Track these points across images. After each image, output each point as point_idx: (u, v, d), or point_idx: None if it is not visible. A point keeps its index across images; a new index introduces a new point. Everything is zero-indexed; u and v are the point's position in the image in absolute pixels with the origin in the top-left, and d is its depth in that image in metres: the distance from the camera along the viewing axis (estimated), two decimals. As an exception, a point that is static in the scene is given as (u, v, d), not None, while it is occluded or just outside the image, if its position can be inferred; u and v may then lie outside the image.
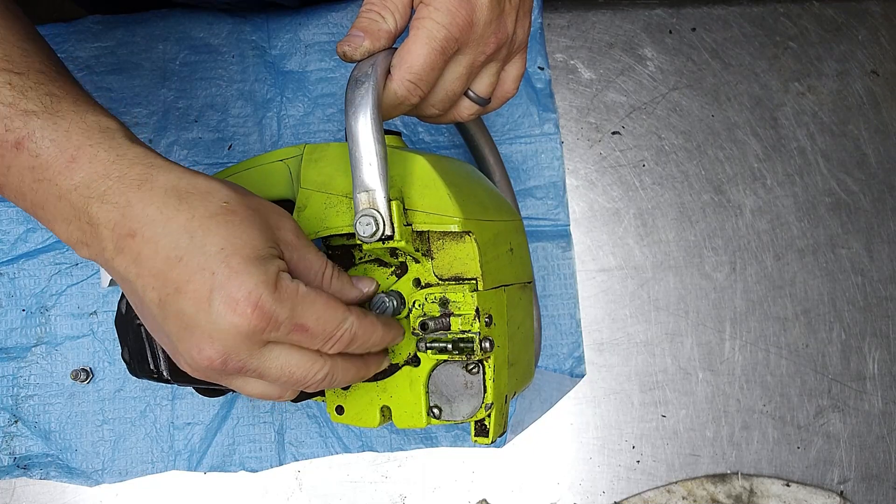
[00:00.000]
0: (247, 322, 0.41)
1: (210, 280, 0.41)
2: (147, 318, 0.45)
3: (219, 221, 0.42)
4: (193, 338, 0.42)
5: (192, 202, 0.43)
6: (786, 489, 0.72)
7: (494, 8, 0.49)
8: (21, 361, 0.73)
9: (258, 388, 0.46)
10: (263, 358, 0.43)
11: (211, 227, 0.42)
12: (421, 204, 0.51)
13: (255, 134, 0.76)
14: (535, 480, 0.73)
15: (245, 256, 0.42)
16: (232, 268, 0.41)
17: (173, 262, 0.41)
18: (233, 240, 0.42)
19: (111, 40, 0.77)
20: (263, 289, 0.41)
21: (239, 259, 0.41)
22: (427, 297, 0.51)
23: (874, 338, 0.75)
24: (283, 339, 0.43)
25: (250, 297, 0.41)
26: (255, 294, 0.41)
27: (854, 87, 0.79)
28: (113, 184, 0.42)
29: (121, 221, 0.42)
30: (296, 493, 0.72)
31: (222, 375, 0.45)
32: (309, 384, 0.46)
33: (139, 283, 0.42)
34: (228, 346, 0.42)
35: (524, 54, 0.56)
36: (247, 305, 0.41)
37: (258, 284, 0.41)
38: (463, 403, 0.52)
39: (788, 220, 0.76)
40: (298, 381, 0.45)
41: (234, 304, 0.41)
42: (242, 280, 0.41)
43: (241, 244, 0.42)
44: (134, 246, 0.42)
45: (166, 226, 0.42)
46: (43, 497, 0.72)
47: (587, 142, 0.77)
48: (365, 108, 0.47)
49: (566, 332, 0.74)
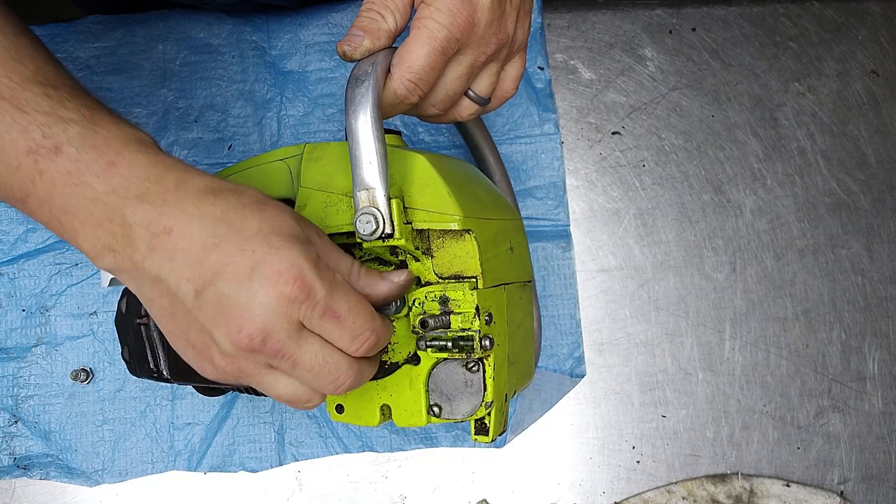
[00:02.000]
0: (289, 290, 0.41)
1: (251, 258, 0.42)
2: (177, 318, 0.45)
3: (253, 209, 0.44)
4: (232, 318, 0.42)
5: (226, 196, 0.44)
6: (786, 489, 0.72)
7: (495, 9, 0.49)
8: (21, 361, 0.73)
9: (288, 388, 0.46)
10: (300, 342, 0.43)
11: (246, 214, 0.43)
12: (421, 202, 0.51)
13: (255, 134, 0.76)
14: (535, 480, 0.73)
15: (284, 235, 0.43)
16: (272, 244, 0.42)
17: (211, 249, 0.42)
18: (269, 222, 0.43)
19: (111, 40, 0.77)
20: (305, 261, 0.42)
21: (278, 237, 0.43)
22: (427, 296, 0.51)
23: (874, 338, 0.75)
24: (317, 325, 0.44)
25: (292, 269, 0.42)
26: (296, 265, 0.42)
27: (854, 87, 0.79)
28: (151, 185, 0.43)
29: (157, 219, 0.42)
30: (296, 493, 0.72)
31: (258, 363, 0.44)
32: (339, 383, 0.45)
33: (173, 278, 0.42)
34: (269, 322, 0.42)
35: (524, 54, 0.56)
36: (289, 275, 0.41)
37: (299, 257, 0.42)
38: (463, 402, 0.52)
39: (788, 221, 0.76)
40: (330, 376, 0.45)
41: (276, 276, 0.41)
42: (284, 254, 0.42)
43: (277, 225, 0.43)
44: (169, 242, 0.42)
45: (202, 218, 0.42)
46: (43, 497, 0.72)
47: (587, 142, 0.78)
48: (365, 107, 0.47)
49: (566, 333, 0.74)
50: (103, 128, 0.44)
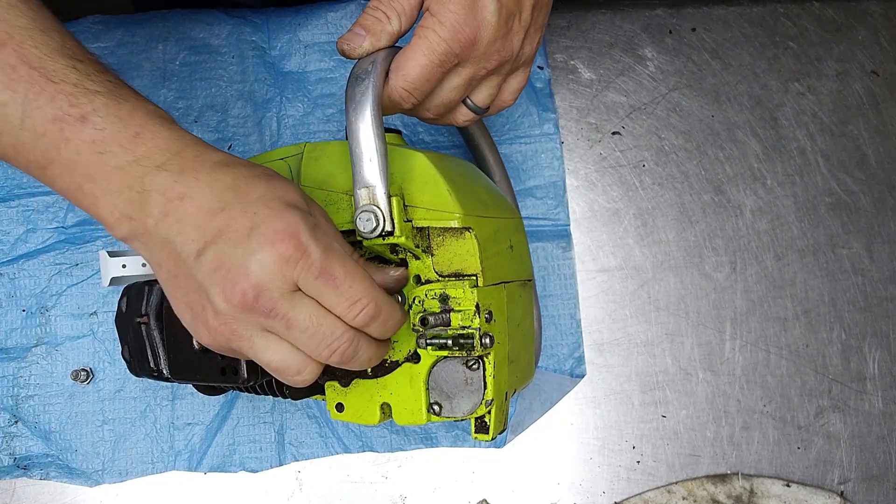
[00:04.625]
0: (283, 247, 0.43)
1: (251, 219, 0.43)
2: (179, 280, 0.45)
3: (261, 178, 0.46)
4: (228, 275, 0.43)
5: (238, 168, 0.46)
6: (786, 489, 0.72)
7: (501, 27, 0.49)
8: (21, 362, 0.73)
9: (279, 352, 0.46)
10: (294, 303, 0.44)
11: (254, 181, 0.45)
12: (421, 200, 0.51)
13: (255, 134, 0.76)
14: (535, 480, 0.73)
15: (286, 202, 0.44)
16: (273, 208, 0.44)
17: (216, 212, 0.43)
18: (274, 190, 0.45)
19: (111, 40, 0.77)
20: (302, 224, 0.43)
21: (280, 203, 0.44)
22: (427, 294, 0.51)
23: (874, 338, 0.75)
24: (312, 287, 0.44)
25: (288, 230, 0.43)
26: (293, 227, 0.43)
27: (854, 87, 0.79)
28: (172, 157, 0.45)
29: (172, 186, 0.44)
30: (296, 493, 0.72)
31: (251, 324, 0.44)
32: (333, 347, 0.45)
33: (179, 240, 0.44)
34: (262, 279, 0.43)
35: (528, 68, 0.55)
36: (285, 235, 0.43)
37: (298, 221, 0.43)
38: (463, 400, 0.52)
39: (788, 220, 0.76)
40: (324, 340, 0.45)
41: (272, 235, 0.43)
42: (282, 216, 0.43)
43: (282, 193, 0.45)
44: (181, 207, 0.44)
45: (213, 185, 0.44)
46: (43, 497, 0.72)
47: (587, 142, 0.78)
48: (365, 105, 0.47)
49: (566, 332, 0.74)
50: (127, 101, 0.46)
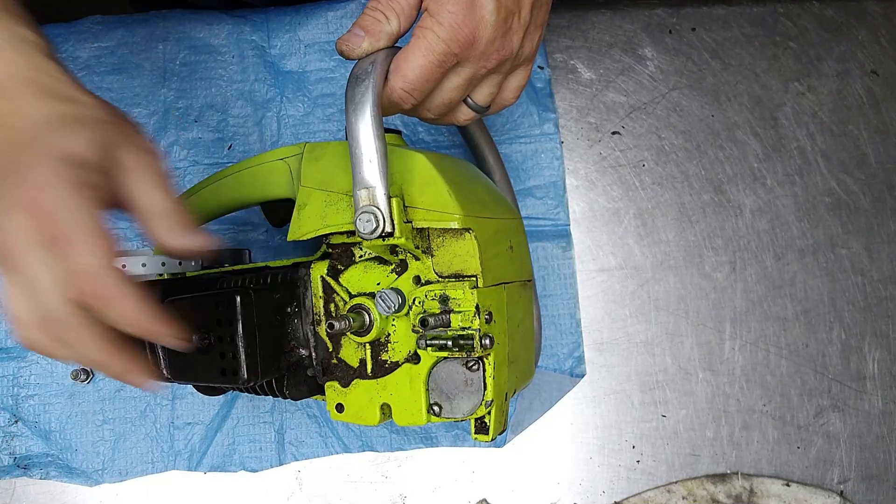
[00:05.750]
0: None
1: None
2: None
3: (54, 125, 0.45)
4: None
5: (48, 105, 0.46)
6: (786, 489, 0.72)
7: (500, 27, 0.49)
8: (21, 361, 0.73)
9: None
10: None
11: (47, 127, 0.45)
12: (421, 201, 0.51)
13: (255, 134, 0.76)
14: (535, 480, 0.73)
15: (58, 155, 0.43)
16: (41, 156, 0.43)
17: None
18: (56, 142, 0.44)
19: (111, 40, 0.77)
20: None
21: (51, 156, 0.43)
22: (427, 295, 0.51)
23: (874, 338, 0.75)
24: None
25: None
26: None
27: (854, 87, 0.79)
28: (11, 83, 0.45)
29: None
30: (296, 493, 0.72)
31: None
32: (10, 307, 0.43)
33: None
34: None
35: (529, 66, 0.55)
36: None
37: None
38: (463, 400, 0.51)
39: (788, 220, 0.76)
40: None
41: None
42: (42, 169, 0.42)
43: (63, 146, 0.44)
44: None
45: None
46: (43, 497, 0.72)
47: (587, 142, 0.78)
48: (365, 106, 0.47)
49: (566, 332, 0.74)
50: None
